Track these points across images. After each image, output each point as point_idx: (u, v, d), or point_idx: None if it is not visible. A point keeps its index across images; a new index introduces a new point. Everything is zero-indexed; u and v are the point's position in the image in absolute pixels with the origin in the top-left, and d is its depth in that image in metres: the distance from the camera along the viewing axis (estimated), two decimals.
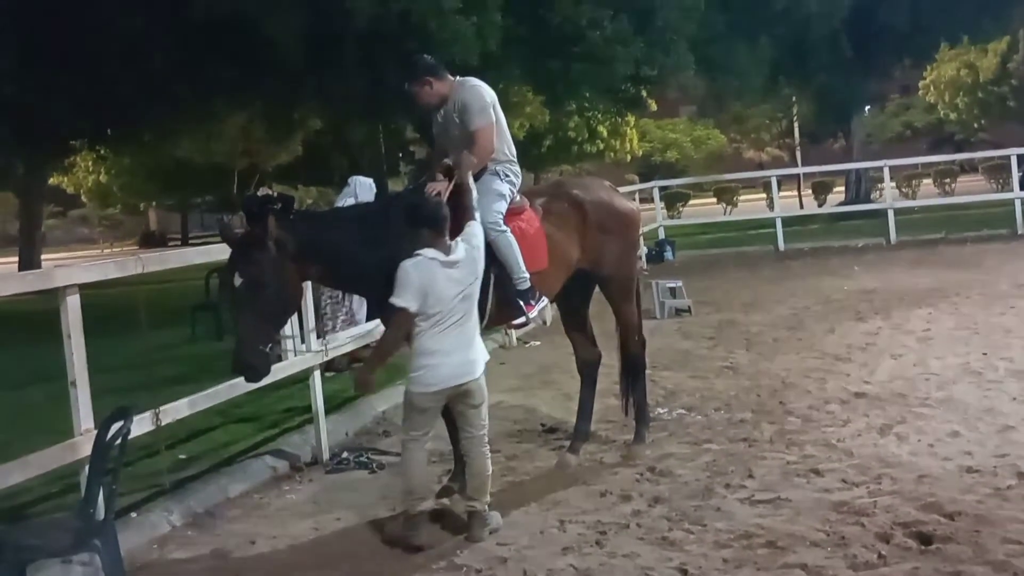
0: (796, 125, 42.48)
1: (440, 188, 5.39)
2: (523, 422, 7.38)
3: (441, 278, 4.90)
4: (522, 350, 10.69)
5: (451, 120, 5.75)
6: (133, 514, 5.64)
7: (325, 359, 7.42)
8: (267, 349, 5.03)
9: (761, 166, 46.56)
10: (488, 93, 5.81)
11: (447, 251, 4.96)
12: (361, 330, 8.83)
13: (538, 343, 10.81)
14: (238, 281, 4.93)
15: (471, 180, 5.44)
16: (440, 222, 5.02)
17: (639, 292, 6.72)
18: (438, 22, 16.48)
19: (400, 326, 4.98)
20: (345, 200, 10.58)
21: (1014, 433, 6.10)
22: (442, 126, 5.84)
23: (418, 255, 4.92)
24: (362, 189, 10.58)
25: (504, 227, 5.66)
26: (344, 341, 8.15)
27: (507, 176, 5.85)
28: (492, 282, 5.52)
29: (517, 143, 6.31)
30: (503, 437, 6.88)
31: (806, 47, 27.85)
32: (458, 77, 5.90)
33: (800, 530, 4.81)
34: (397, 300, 4.87)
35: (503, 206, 5.73)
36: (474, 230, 5.20)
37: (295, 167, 35.09)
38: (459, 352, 5.01)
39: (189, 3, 16.65)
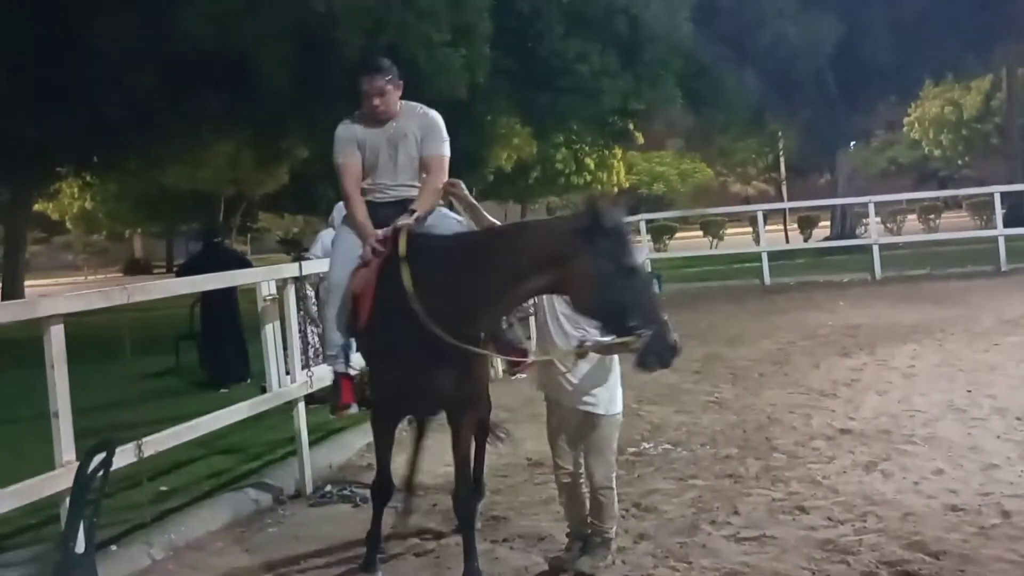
0: (782, 160, 42.83)
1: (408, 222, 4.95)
2: (508, 456, 7.34)
3: None
4: (507, 383, 10.66)
5: (399, 142, 5.22)
6: (113, 547, 5.57)
7: (310, 390, 7.38)
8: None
9: (747, 200, 46.91)
10: None
11: None
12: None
13: (524, 376, 10.75)
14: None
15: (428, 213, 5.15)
16: None
17: None
18: (427, 54, 16.58)
19: None
20: (328, 228, 10.58)
21: (998, 471, 6.10)
22: (380, 147, 5.22)
23: None
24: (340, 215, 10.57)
25: None
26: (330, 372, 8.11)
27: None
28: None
29: (504, 174, 6.25)
30: (488, 472, 6.83)
31: (791, 83, 28.15)
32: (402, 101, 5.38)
33: (786, 568, 4.79)
34: None
35: None
36: None
37: (281, 195, 35.10)
38: None
39: (177, 34, 16.71)
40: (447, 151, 5.32)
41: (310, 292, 9.56)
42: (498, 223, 5.15)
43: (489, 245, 4.74)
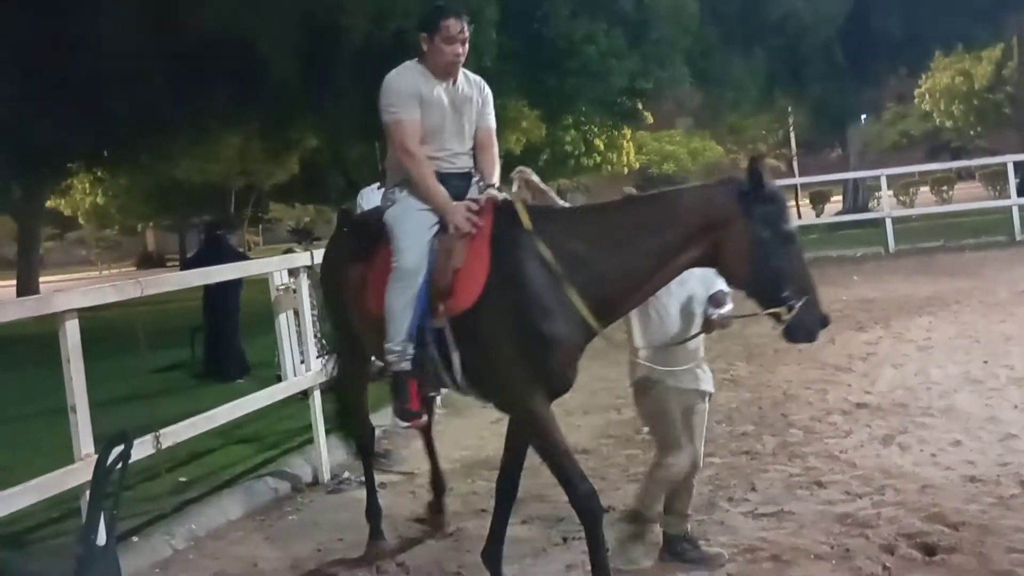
0: (793, 135, 42.60)
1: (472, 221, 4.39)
2: None
3: None
4: None
5: (463, 106, 4.70)
6: (134, 538, 5.62)
7: (326, 378, 7.41)
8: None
9: None
10: None
11: None
12: None
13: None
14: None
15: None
16: None
17: None
18: None
19: None
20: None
21: (1016, 441, 6.08)
22: (444, 108, 4.64)
23: None
24: (368, 202, 10.58)
25: None
26: None
27: None
28: None
29: (514, 157, 6.18)
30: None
31: (801, 58, 27.98)
32: None
33: (804, 543, 4.79)
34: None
35: None
36: None
37: (292, 185, 35.16)
38: None
39: (182, 25, 16.71)
40: (495, 125, 4.94)
41: None
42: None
43: (632, 217, 4.26)
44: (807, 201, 35.94)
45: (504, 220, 4.35)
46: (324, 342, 9.23)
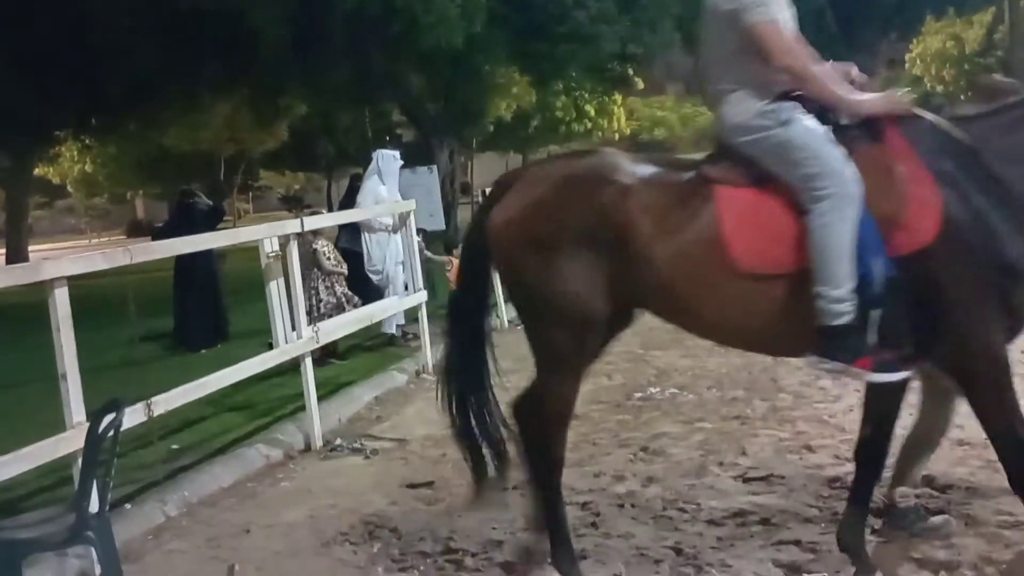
0: None
1: None
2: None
3: None
4: (513, 331, 10.69)
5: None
6: (127, 505, 5.64)
7: (317, 345, 7.42)
8: None
9: None
10: None
11: None
12: (352, 316, 8.84)
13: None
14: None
15: None
16: None
17: None
18: (423, 5, 16.42)
19: None
20: (372, 177, 10.56)
21: None
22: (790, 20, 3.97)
23: None
24: (386, 162, 10.56)
25: None
26: (335, 328, 8.16)
27: None
28: None
29: (505, 124, 6.05)
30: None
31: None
32: None
33: (794, 507, 4.83)
34: None
35: None
36: None
37: (282, 153, 34.96)
38: None
39: None
40: None
41: (320, 247, 9.58)
42: None
43: None
44: None
45: (923, 132, 3.77)
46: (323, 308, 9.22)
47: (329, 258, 9.63)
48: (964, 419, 5.84)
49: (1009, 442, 3.71)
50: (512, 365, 4.63)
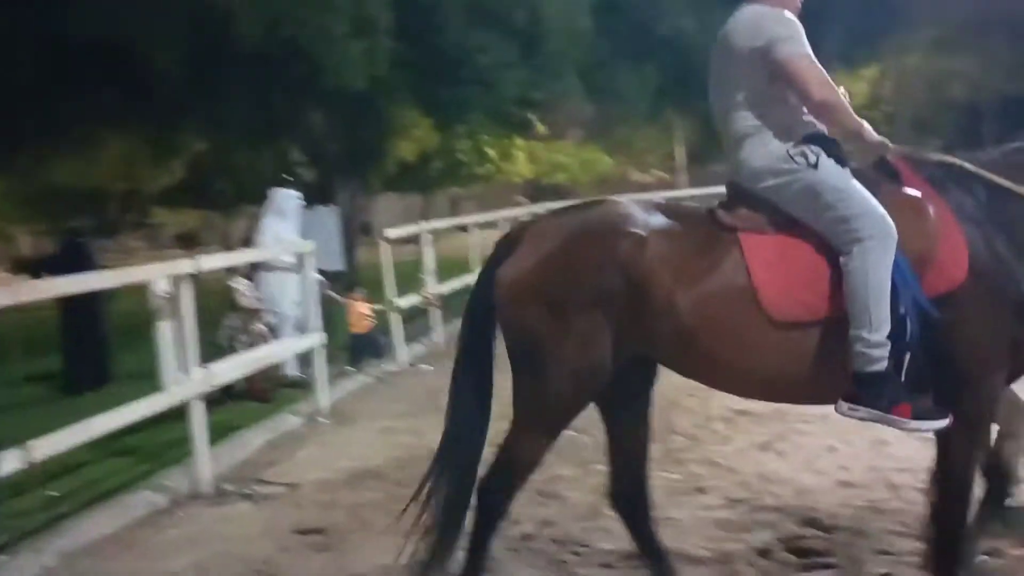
0: (682, 149, 43.54)
1: None
2: (411, 447, 7.30)
3: None
4: (413, 373, 10.62)
5: None
6: (2, 556, 5.38)
7: (211, 388, 7.24)
8: None
9: (645, 188, 47.49)
10: None
11: None
12: (246, 358, 8.67)
13: (431, 368, 10.73)
14: None
15: None
16: None
17: None
18: (326, 47, 16.38)
19: None
20: (268, 215, 10.43)
21: (887, 447, 6.31)
22: None
23: None
24: (283, 201, 10.46)
25: None
26: (229, 370, 7.97)
27: None
28: None
29: (407, 166, 6.05)
30: (392, 464, 6.82)
31: (689, 73, 28.63)
32: None
33: (685, 548, 4.87)
34: None
35: None
36: None
37: (177, 190, 34.22)
38: None
39: (62, 24, 16.13)
40: None
41: (237, 285, 9.47)
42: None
43: None
44: None
45: (939, 170, 3.82)
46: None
47: (246, 295, 9.51)
48: (850, 461, 6.08)
49: (961, 482, 3.78)
50: (406, 408, 4.58)
